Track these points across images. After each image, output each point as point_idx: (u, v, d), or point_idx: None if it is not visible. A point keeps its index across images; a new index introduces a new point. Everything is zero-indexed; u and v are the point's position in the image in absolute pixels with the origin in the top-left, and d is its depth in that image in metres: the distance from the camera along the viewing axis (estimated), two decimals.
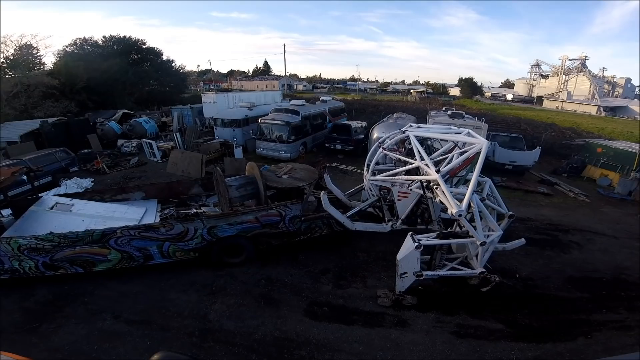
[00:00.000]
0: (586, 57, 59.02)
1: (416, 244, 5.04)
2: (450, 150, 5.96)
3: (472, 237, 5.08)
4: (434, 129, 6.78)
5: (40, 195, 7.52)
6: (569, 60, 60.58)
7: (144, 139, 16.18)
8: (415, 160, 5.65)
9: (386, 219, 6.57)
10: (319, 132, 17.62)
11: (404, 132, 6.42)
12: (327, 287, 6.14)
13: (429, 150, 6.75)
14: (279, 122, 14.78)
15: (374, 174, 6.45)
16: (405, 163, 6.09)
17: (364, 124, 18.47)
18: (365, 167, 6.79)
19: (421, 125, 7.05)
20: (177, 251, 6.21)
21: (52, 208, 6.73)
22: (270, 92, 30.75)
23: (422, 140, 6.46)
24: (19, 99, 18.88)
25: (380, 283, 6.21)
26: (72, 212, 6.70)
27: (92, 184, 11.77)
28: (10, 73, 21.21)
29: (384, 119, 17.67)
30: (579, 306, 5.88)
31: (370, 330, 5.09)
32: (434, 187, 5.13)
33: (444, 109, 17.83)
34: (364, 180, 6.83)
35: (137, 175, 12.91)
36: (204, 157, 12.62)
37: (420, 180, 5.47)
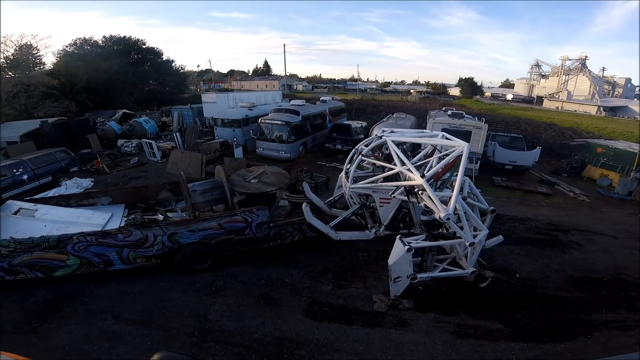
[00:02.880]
0: (586, 57, 59.13)
1: (407, 247, 5.04)
2: (430, 154, 5.96)
3: (460, 238, 5.13)
4: (408, 134, 6.76)
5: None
6: (569, 60, 60.71)
7: (144, 139, 16.17)
8: (395, 165, 5.61)
9: (369, 225, 6.54)
10: (319, 132, 17.62)
11: (380, 137, 6.37)
12: (327, 287, 6.14)
13: (404, 153, 6.70)
14: (279, 122, 14.78)
15: (354, 181, 6.39)
16: (384, 169, 6.03)
17: (364, 124, 18.50)
18: (344, 174, 6.73)
19: (395, 130, 6.96)
20: (138, 257, 6.10)
21: (15, 213, 6.65)
22: (270, 92, 30.72)
23: (398, 145, 6.38)
24: (19, 99, 18.80)
25: (380, 283, 6.21)
26: (35, 218, 6.63)
27: (92, 184, 11.77)
28: (10, 73, 21.13)
29: (384, 119, 17.71)
30: (579, 306, 5.88)
31: (370, 330, 5.09)
32: (419, 192, 5.11)
33: (444, 109, 17.81)
34: (343, 187, 6.73)
35: (137, 175, 12.90)
36: (204, 157, 12.61)
37: (405, 186, 5.45)
